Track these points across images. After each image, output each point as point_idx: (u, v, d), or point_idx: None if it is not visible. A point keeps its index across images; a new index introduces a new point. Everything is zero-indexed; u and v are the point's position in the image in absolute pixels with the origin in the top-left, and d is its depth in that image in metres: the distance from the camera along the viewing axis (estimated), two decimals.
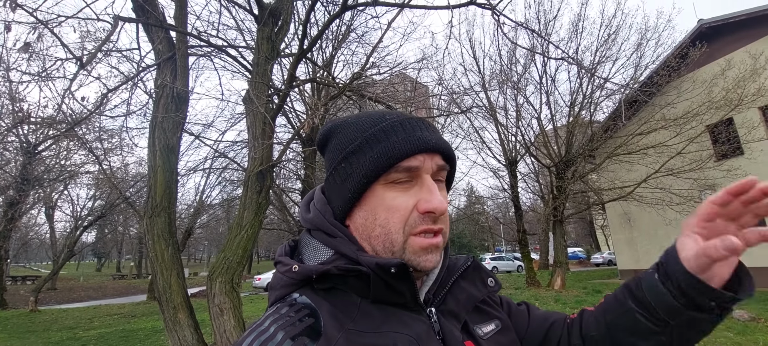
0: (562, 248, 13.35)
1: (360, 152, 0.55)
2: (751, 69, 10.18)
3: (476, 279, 0.64)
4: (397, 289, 0.52)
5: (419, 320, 0.53)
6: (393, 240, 0.53)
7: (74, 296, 21.20)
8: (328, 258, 0.55)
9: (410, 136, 0.55)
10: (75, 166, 15.48)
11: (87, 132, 10.12)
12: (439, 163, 0.57)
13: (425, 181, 0.55)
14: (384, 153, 0.54)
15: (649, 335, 0.56)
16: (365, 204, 0.56)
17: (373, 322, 0.50)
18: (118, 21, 3.73)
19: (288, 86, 4.60)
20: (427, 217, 0.54)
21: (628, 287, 0.60)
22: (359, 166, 0.55)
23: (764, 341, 5.55)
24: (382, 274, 0.50)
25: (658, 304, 0.54)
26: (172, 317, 3.99)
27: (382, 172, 0.54)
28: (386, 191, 0.55)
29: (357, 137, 0.57)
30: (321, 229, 0.58)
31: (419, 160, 0.54)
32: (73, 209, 19.52)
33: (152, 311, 12.81)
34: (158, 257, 4.09)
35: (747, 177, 0.47)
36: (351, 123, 0.59)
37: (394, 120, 0.57)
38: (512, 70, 13.47)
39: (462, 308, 0.60)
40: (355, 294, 0.53)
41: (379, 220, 0.54)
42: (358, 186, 0.55)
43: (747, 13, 11.16)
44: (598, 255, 30.32)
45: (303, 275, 0.53)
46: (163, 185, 4.26)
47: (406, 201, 0.54)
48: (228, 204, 15.93)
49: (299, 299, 0.52)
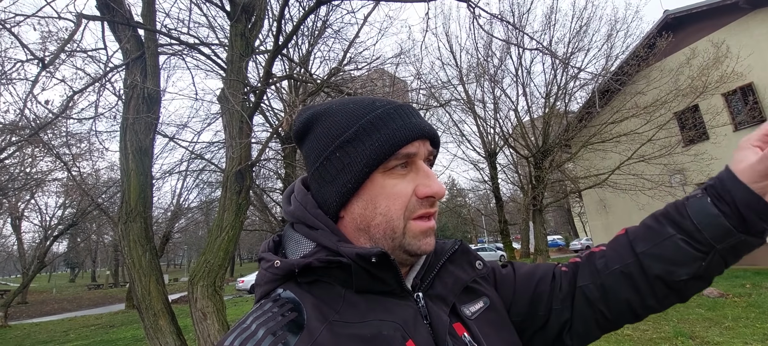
0: (542, 236, 13.68)
1: (357, 140, 0.54)
2: (713, 57, 10.63)
3: (464, 262, 0.64)
4: (380, 277, 0.52)
5: (406, 305, 0.53)
6: (394, 227, 0.54)
7: (47, 309, 20.36)
8: (310, 251, 0.55)
9: (407, 123, 0.55)
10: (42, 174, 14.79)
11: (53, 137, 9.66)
12: (429, 149, 0.58)
13: (421, 167, 0.56)
14: (385, 141, 0.53)
15: (691, 262, 0.55)
16: (364, 193, 0.55)
17: (358, 312, 0.50)
18: (82, 19, 3.57)
19: (264, 84, 4.51)
20: (426, 201, 0.55)
21: (666, 216, 0.59)
22: (358, 154, 0.54)
23: (733, 315, 5.85)
24: (363, 263, 0.50)
25: (707, 227, 0.53)
26: (153, 324, 3.88)
27: (383, 159, 0.54)
28: (386, 179, 0.55)
29: (351, 125, 0.55)
30: (302, 221, 0.58)
31: (416, 146, 0.55)
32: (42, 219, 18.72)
33: (132, 319, 12.44)
34: (135, 264, 3.96)
35: None
36: (338, 110, 0.57)
37: (388, 107, 0.57)
38: (489, 63, 13.65)
39: (450, 292, 0.59)
40: (340, 285, 0.52)
41: (380, 208, 0.54)
42: (358, 175, 0.54)
43: (709, 3, 11.63)
44: (576, 242, 31.25)
45: (285, 270, 0.52)
46: (138, 189, 4.12)
47: (405, 187, 0.55)
48: (207, 206, 15.57)
49: (283, 294, 0.52)
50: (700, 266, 0.55)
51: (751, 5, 10.88)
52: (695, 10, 11.99)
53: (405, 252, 0.55)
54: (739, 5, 11.01)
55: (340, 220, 0.57)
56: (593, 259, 0.66)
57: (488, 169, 15.20)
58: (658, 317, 6.18)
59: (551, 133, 13.44)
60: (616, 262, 0.62)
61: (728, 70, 10.38)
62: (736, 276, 8.99)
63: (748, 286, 7.81)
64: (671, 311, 6.39)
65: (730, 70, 10.39)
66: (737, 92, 11.39)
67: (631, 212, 14.11)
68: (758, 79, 10.90)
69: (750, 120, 11.02)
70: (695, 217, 0.55)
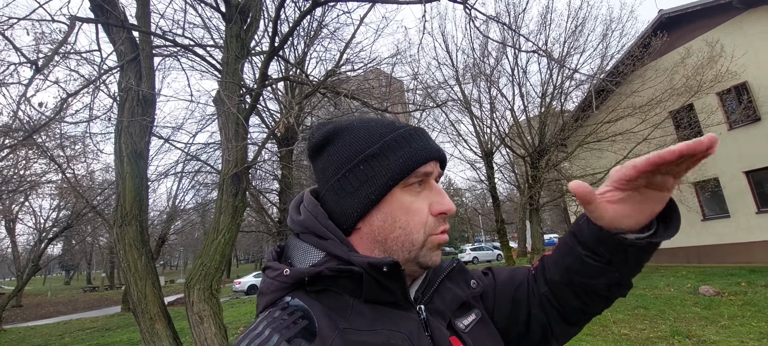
0: (539, 235, 13.71)
1: (382, 156, 0.57)
2: (708, 56, 10.69)
3: (460, 280, 0.67)
4: (389, 288, 0.53)
5: (410, 317, 0.55)
6: (413, 240, 0.57)
7: (42, 312, 20.21)
8: (320, 260, 0.56)
9: (426, 145, 0.60)
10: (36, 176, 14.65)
11: (47, 139, 9.58)
12: (439, 171, 0.62)
13: (434, 186, 0.61)
14: (408, 158, 0.57)
15: (599, 274, 0.60)
16: (384, 206, 0.57)
17: (366, 320, 0.51)
18: (76, 22, 3.53)
19: (260, 85, 4.49)
20: (441, 218, 0.59)
21: (573, 232, 0.64)
22: (383, 169, 0.57)
23: (729, 314, 5.88)
24: (374, 273, 0.52)
25: (599, 243, 0.58)
26: (149, 328, 3.85)
27: (405, 175, 0.57)
28: (404, 195, 0.58)
29: (375, 141, 0.58)
30: (312, 231, 0.59)
31: (431, 166, 0.59)
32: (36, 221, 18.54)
33: (128, 322, 12.36)
34: (131, 267, 3.93)
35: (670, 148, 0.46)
36: (361, 127, 0.60)
37: (409, 129, 0.61)
38: (485, 63, 13.66)
39: (448, 307, 0.62)
40: (348, 295, 0.53)
41: (399, 222, 0.57)
42: (382, 188, 0.56)
43: (703, 3, 11.71)
44: None
45: (294, 278, 0.53)
46: (133, 192, 4.09)
47: (422, 204, 0.58)
48: (203, 208, 15.49)
49: (292, 302, 0.52)
50: (613, 276, 0.60)
51: (745, 5, 10.96)
52: (690, 9, 12.07)
53: (417, 264, 0.59)
54: (733, 5, 11.09)
55: (355, 232, 0.59)
56: (545, 266, 0.70)
57: (485, 169, 15.22)
58: (655, 315, 6.21)
59: (547, 132, 13.47)
60: (555, 273, 0.67)
61: (722, 70, 10.45)
62: (732, 275, 9.05)
63: (744, 284, 7.86)
64: (667, 310, 6.42)
65: (724, 69, 10.46)
66: (731, 91, 11.46)
67: None
68: (752, 78, 10.97)
69: (744, 119, 11.10)
70: (588, 235, 0.60)
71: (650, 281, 9.52)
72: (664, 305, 6.84)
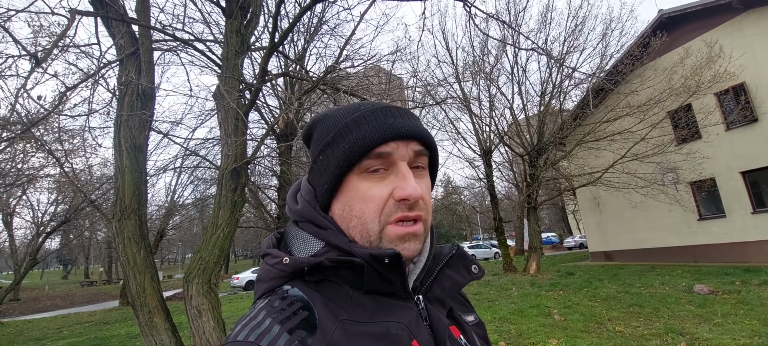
0: (536, 233, 13.77)
1: (334, 144, 0.56)
2: (707, 57, 10.72)
3: (460, 266, 0.65)
4: (388, 279, 0.52)
5: (408, 307, 0.54)
6: (369, 230, 0.54)
7: (40, 306, 20.21)
8: (319, 250, 0.55)
9: (381, 124, 0.55)
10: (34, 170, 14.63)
11: (45, 133, 9.56)
12: (416, 149, 0.56)
13: (400, 168, 0.55)
14: (355, 142, 0.54)
15: None
16: (342, 195, 0.56)
17: (366, 311, 0.51)
18: (75, 15, 3.53)
19: (260, 80, 4.50)
20: (403, 204, 0.54)
21: None
22: (333, 157, 0.55)
23: (722, 312, 5.93)
24: (375, 265, 0.51)
25: None
26: (148, 321, 3.87)
27: (355, 161, 0.54)
28: (361, 182, 0.55)
29: (332, 129, 0.57)
30: (310, 220, 0.58)
31: (391, 147, 0.54)
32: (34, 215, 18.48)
33: (126, 316, 12.38)
34: (130, 261, 3.94)
35: None
36: (329, 116, 0.60)
37: (366, 109, 0.57)
38: (485, 61, 13.68)
39: (447, 295, 0.61)
40: (347, 285, 0.53)
41: (355, 210, 0.54)
42: (333, 177, 0.55)
43: (703, 3, 11.72)
44: (570, 239, 31.40)
45: (294, 268, 0.52)
46: (132, 186, 4.10)
47: (381, 190, 0.54)
48: (201, 203, 15.50)
49: (291, 291, 0.51)
50: None
51: (745, 5, 10.98)
52: (689, 9, 12.08)
53: None
54: (732, 5, 11.11)
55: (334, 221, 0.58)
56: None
57: (483, 167, 15.24)
58: (649, 313, 6.26)
59: (546, 131, 13.50)
60: None
61: (721, 70, 10.48)
62: (726, 274, 9.11)
63: (738, 283, 7.92)
64: (662, 308, 6.47)
65: (722, 69, 10.49)
66: (729, 92, 11.50)
67: (623, 209, 14.25)
68: (750, 79, 11.01)
69: (741, 120, 11.14)
70: None
71: (645, 279, 9.58)
72: (658, 303, 6.89)
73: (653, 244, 13.58)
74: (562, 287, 9.57)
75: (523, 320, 6.52)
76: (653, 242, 13.58)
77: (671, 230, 13.05)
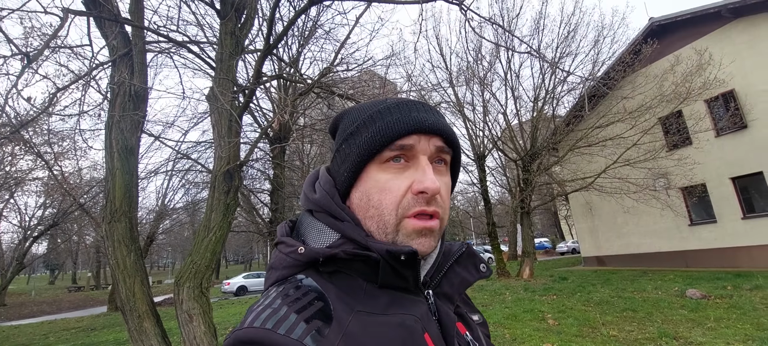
0: (529, 238, 13.80)
1: (358, 133, 0.56)
2: (697, 64, 10.88)
3: (469, 264, 0.65)
4: (402, 274, 0.53)
5: (419, 301, 0.54)
6: (386, 222, 0.53)
7: (26, 311, 19.77)
8: (335, 242, 0.55)
9: (405, 116, 0.55)
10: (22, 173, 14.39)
11: (34, 135, 9.41)
12: (438, 145, 0.56)
13: (420, 162, 0.55)
14: (377, 132, 0.54)
15: None
16: (361, 185, 0.56)
17: (379, 304, 0.51)
18: (68, 14, 3.48)
19: (255, 83, 4.46)
20: (421, 198, 0.53)
21: None
22: (355, 146, 0.56)
23: (715, 316, 5.97)
24: (391, 261, 0.51)
25: None
26: (138, 326, 3.79)
27: (376, 151, 0.54)
28: (380, 173, 0.55)
29: (357, 119, 0.58)
30: (327, 211, 0.58)
31: (414, 139, 0.55)
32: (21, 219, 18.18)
33: (114, 322, 12.16)
34: (120, 265, 3.87)
35: None
36: (356, 108, 0.61)
37: (392, 102, 0.58)
38: (478, 66, 13.75)
39: (455, 292, 0.61)
40: (361, 278, 0.53)
41: (373, 201, 0.54)
42: (353, 166, 0.55)
43: (692, 12, 11.93)
44: (562, 244, 31.60)
45: (309, 258, 0.52)
46: (123, 189, 4.03)
47: (399, 183, 0.54)
48: (192, 207, 15.35)
49: (305, 281, 0.51)
50: None
51: (733, 14, 11.19)
52: (680, 17, 12.28)
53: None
54: (721, 14, 11.32)
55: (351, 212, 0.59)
56: None
57: (477, 172, 15.28)
58: (643, 318, 6.29)
59: (539, 136, 13.58)
60: None
61: (711, 77, 10.64)
62: (718, 278, 9.20)
63: (730, 288, 8.00)
64: (655, 313, 6.51)
65: (712, 77, 10.65)
66: (719, 99, 11.68)
67: (616, 214, 14.36)
68: (739, 87, 11.20)
69: (731, 126, 11.31)
70: None
71: (638, 284, 9.64)
72: (651, 307, 6.92)
73: (645, 249, 13.69)
74: (555, 292, 9.58)
75: (517, 324, 6.51)
76: (645, 247, 13.70)
77: (663, 235, 13.17)
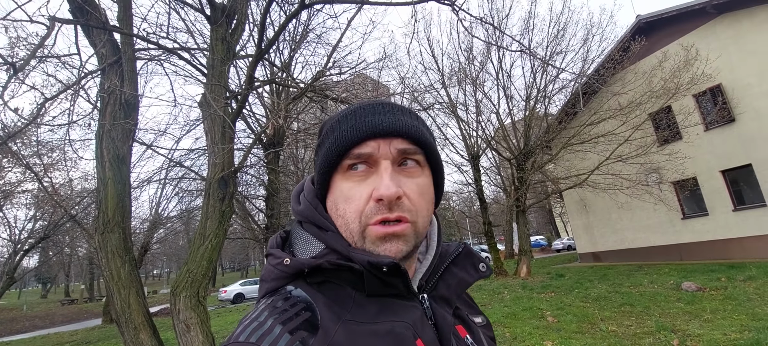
0: (525, 237, 13.87)
1: (322, 145, 0.57)
2: (684, 60, 11.04)
3: (467, 264, 0.64)
4: (390, 283, 0.52)
5: (412, 307, 0.53)
6: (352, 230, 0.53)
7: (18, 326, 19.43)
8: (320, 252, 0.55)
9: (359, 123, 0.54)
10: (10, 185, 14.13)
11: (23, 146, 9.26)
12: (400, 148, 0.54)
13: (381, 167, 0.53)
14: (334, 143, 0.54)
15: None
16: (331, 195, 0.56)
17: (369, 313, 0.50)
18: (55, 23, 3.42)
19: (247, 88, 4.43)
20: (381, 205, 0.51)
21: None
22: (321, 157, 0.56)
23: (711, 308, 6.03)
24: (374, 271, 0.50)
25: None
26: (134, 338, 3.73)
27: (335, 163, 0.54)
28: (344, 182, 0.55)
29: (324, 130, 0.59)
30: (312, 221, 0.58)
31: (371, 146, 0.53)
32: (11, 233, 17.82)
33: (109, 335, 11.97)
34: (114, 276, 3.80)
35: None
36: (330, 117, 0.61)
37: (349, 109, 0.57)
38: (470, 66, 13.81)
39: (453, 293, 0.60)
40: (349, 287, 0.53)
41: (339, 210, 0.54)
42: (321, 177, 0.56)
43: (678, 8, 12.11)
44: (558, 242, 31.79)
45: (295, 269, 0.53)
46: (115, 198, 3.97)
47: (361, 191, 0.53)
48: (187, 216, 15.18)
49: (294, 292, 0.52)
50: None
51: (718, 10, 11.37)
52: (666, 14, 12.46)
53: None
54: (706, 10, 11.49)
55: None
56: None
57: (472, 172, 15.33)
58: (641, 312, 6.32)
59: (532, 135, 13.67)
60: None
61: (698, 73, 10.79)
62: (712, 271, 9.30)
63: (724, 279, 8.09)
64: (652, 307, 6.55)
65: (699, 72, 10.81)
66: (707, 93, 11.85)
67: (610, 210, 14.48)
68: (726, 81, 11.37)
69: (719, 120, 11.47)
70: None
71: (635, 279, 9.71)
72: (648, 301, 6.97)
73: (640, 243, 13.82)
74: (553, 289, 9.62)
75: (516, 323, 6.52)
76: (640, 241, 13.82)
77: (657, 230, 13.30)
